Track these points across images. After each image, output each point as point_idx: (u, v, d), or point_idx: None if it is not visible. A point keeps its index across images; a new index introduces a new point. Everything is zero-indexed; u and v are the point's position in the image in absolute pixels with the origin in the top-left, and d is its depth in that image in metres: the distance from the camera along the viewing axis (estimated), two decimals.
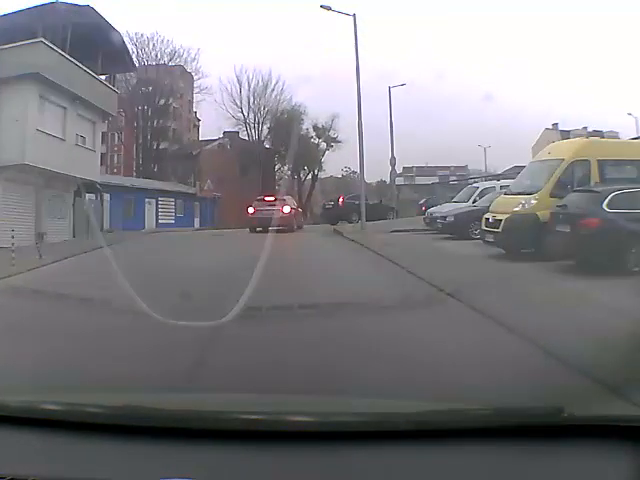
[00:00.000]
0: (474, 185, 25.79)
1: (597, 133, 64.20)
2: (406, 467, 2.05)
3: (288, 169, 51.73)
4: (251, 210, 27.43)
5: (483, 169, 68.39)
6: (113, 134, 61.21)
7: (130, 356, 5.84)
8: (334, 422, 2.37)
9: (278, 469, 2.06)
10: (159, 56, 53.60)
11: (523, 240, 13.42)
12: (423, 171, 79.21)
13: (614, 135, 60.61)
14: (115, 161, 61.98)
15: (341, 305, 8.09)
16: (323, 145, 53.40)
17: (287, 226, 25.41)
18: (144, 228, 37.30)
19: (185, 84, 65.74)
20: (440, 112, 70.12)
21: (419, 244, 18.45)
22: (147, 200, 39.01)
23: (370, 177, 69.77)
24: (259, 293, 6.54)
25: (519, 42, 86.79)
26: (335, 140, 53.23)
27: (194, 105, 71.28)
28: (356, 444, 2.13)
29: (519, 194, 14.60)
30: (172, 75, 59.39)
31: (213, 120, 67.53)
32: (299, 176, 53.26)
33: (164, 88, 56.52)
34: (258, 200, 28.11)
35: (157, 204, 40.32)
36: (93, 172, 27.97)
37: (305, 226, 31.67)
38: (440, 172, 79.70)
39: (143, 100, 54.49)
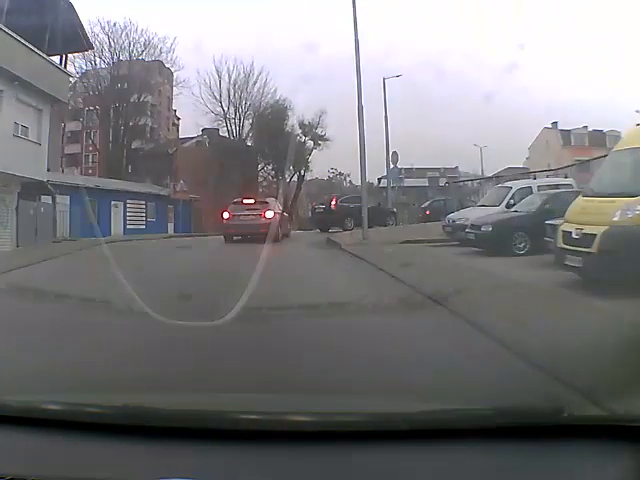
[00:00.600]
0: (505, 185, 20.61)
1: (597, 133, 61.31)
2: (406, 467, 2.01)
3: (272, 169, 46.57)
4: (226, 215, 22.28)
5: (472, 171, 66.39)
6: (88, 132, 56.87)
7: (130, 356, 5.52)
8: (334, 422, 2.33)
9: (278, 469, 2.02)
10: (132, 46, 48.26)
11: (633, 266, 8.54)
12: (412, 173, 75.32)
13: (617, 135, 57.17)
14: (90, 161, 57.37)
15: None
16: (310, 143, 48.28)
17: (271, 235, 20.59)
18: (110, 234, 32.29)
19: (163, 80, 61.05)
20: (428, 110, 65.24)
21: (450, 264, 13.12)
22: (113, 203, 33.47)
23: (357, 179, 65.71)
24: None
25: (515, 36, 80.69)
26: (323, 138, 48.16)
27: (173, 103, 66.69)
28: (356, 444, 2.08)
29: (610, 196, 9.73)
30: (150, 71, 54.72)
31: (190, 116, 61.67)
32: (284, 177, 48.15)
33: (141, 84, 51.70)
34: (235, 203, 22.97)
35: (125, 207, 34.79)
36: (38, 169, 22.82)
37: (291, 232, 26.74)
38: (430, 174, 77.54)
39: (118, 97, 49.27)
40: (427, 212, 30.48)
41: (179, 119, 67.60)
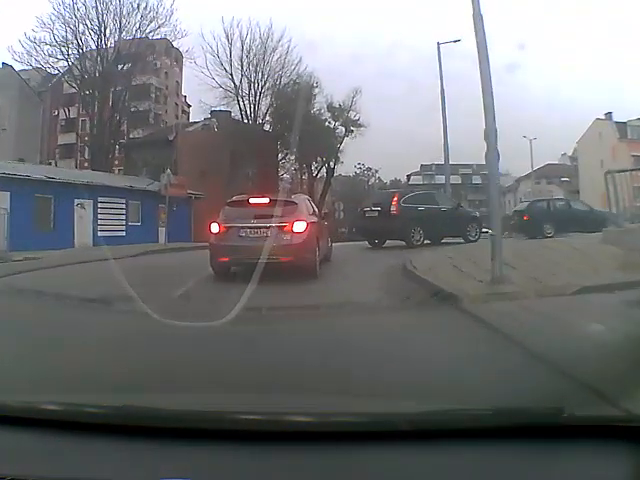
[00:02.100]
0: None
1: None
2: (406, 467, 1.93)
3: (295, 160, 36.30)
4: (215, 229, 11.17)
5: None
6: (84, 120, 47.42)
7: (130, 356, 5.20)
8: (334, 422, 2.22)
9: (278, 469, 1.94)
10: (121, 8, 38.09)
11: None
12: (443, 169, 66.52)
13: None
14: (87, 152, 47.89)
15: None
16: (341, 130, 38.15)
17: (301, 263, 10.46)
18: (73, 246, 22.39)
19: (171, 61, 51.48)
20: (453, 104, 55.26)
21: None
22: (78, 202, 23.28)
23: (386, 175, 56.32)
24: None
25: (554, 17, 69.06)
26: (356, 123, 38.11)
27: (183, 88, 56.76)
28: (356, 444, 2.00)
29: None
30: (155, 50, 45.12)
31: (195, 93, 49.35)
32: (310, 169, 37.94)
33: (141, 64, 42.02)
34: (234, 204, 11.77)
35: (95, 208, 24.69)
36: None
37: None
38: (462, 170, 69.83)
39: (111, 78, 39.39)
40: (525, 217, 20.68)
41: (190, 106, 57.47)
